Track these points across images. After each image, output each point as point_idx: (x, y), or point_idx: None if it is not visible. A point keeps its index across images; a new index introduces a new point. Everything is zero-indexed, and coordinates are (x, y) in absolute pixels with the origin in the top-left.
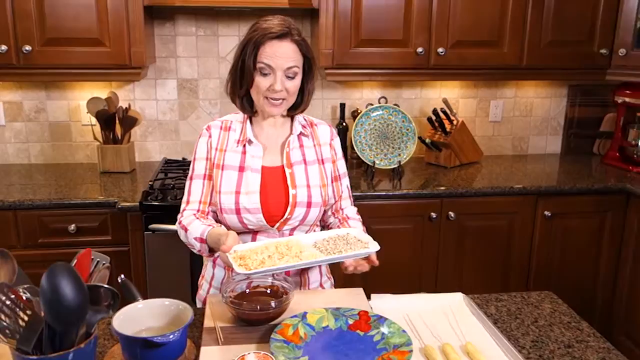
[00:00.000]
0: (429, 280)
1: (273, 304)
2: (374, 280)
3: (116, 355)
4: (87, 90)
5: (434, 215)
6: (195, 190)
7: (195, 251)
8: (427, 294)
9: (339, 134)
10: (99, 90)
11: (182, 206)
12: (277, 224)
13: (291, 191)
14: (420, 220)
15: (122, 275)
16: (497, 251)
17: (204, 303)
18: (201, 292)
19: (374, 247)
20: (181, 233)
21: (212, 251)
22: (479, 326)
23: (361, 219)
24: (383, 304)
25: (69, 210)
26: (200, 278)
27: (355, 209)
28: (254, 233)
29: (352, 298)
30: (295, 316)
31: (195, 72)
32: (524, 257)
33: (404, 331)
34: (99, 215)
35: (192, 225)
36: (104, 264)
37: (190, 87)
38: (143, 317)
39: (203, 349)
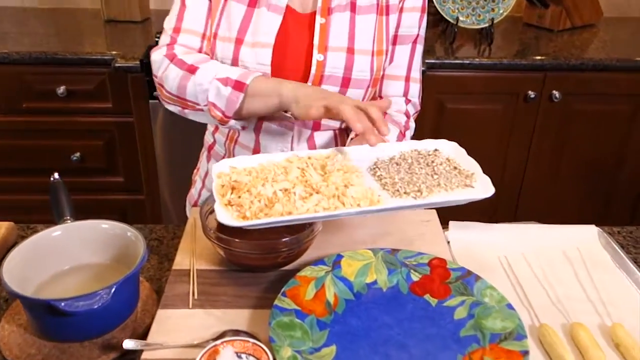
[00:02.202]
0: (513, 180)
1: (288, 241)
2: None
3: (22, 311)
4: None
5: (532, 94)
6: (194, 13)
7: (190, 112)
8: (539, 225)
9: None
10: None
11: (165, 37)
12: None
13: (316, 56)
14: (513, 100)
15: (56, 175)
16: (612, 144)
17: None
18: (193, 192)
19: (485, 189)
20: (171, 73)
21: (231, 118)
22: (630, 291)
23: (408, 127)
24: (468, 237)
25: (55, 68)
26: (195, 171)
27: (413, 108)
28: (257, 120)
29: (417, 227)
30: (322, 262)
31: None
32: None
33: (510, 306)
34: (94, 75)
35: (211, 63)
36: None
37: None
38: (71, 247)
39: (159, 314)
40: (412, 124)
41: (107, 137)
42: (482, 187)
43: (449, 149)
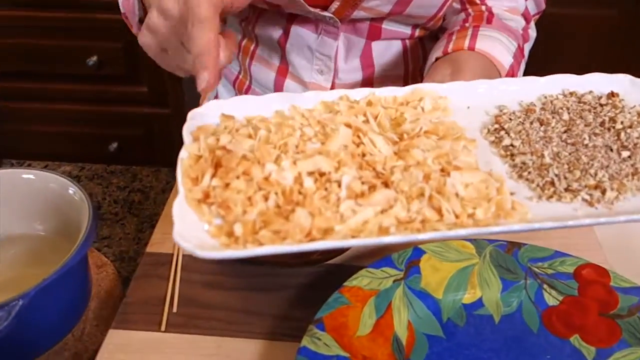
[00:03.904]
0: None
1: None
2: None
3: None
4: None
5: None
6: None
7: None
8: None
9: None
10: None
11: None
12: (335, 5)
13: None
14: (632, 3)
15: None
16: None
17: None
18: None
19: None
20: None
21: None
22: None
23: (527, 39)
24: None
25: None
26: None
27: (535, 6)
28: (287, 21)
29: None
30: (388, 262)
31: None
32: None
33: None
34: None
35: None
36: None
37: None
38: None
39: (110, 338)
40: (533, 33)
41: (125, 37)
42: None
43: (635, 92)
